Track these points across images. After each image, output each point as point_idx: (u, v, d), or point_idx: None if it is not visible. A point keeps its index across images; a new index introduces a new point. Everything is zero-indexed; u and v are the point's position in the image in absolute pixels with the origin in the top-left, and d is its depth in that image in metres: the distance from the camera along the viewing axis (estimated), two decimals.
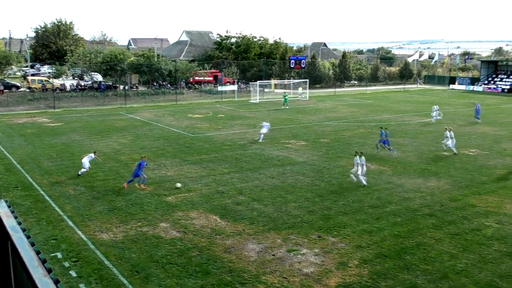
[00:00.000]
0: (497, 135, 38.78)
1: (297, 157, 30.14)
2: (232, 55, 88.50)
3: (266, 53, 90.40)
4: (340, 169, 27.15)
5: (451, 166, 28.07)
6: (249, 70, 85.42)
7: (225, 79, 78.01)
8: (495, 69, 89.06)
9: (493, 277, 14.65)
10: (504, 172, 26.84)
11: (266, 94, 70.15)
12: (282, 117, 48.41)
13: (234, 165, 27.95)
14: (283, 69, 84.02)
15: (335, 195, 22.34)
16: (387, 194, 22.59)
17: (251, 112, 52.35)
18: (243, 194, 22.49)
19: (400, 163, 28.70)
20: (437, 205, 21.16)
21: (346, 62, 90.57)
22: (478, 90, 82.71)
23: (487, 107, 58.46)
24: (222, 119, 46.84)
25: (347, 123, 44.48)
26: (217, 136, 37.40)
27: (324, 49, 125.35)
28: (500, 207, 20.89)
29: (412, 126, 42.92)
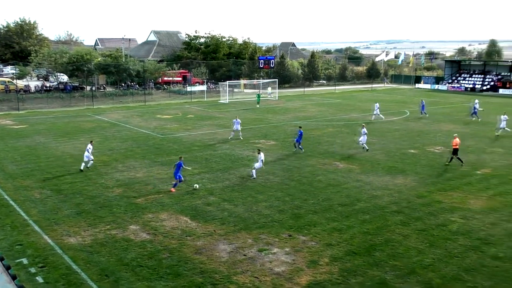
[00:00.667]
0: (461, 132, 39.79)
1: (266, 157, 30.20)
2: (201, 55, 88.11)
3: (235, 53, 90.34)
4: (310, 168, 27.37)
5: (418, 164, 28.65)
6: (218, 70, 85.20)
7: (194, 79, 77.61)
8: (458, 68, 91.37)
9: (458, 271, 15.03)
10: (468, 169, 27.57)
11: (235, 94, 70.10)
12: (251, 117, 48.46)
13: (204, 166, 27.83)
14: (252, 69, 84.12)
15: (305, 194, 22.51)
16: (356, 192, 22.90)
17: (220, 112, 52.22)
18: (213, 194, 22.41)
19: (368, 161, 29.13)
20: (404, 202, 21.58)
21: (314, 62, 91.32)
22: (443, 89, 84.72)
23: (451, 105, 59.97)
24: (191, 120, 46.57)
25: (316, 122, 44.88)
26: (186, 137, 37.17)
27: (293, 49, 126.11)
28: (464, 203, 21.46)
29: (379, 125, 43.62)
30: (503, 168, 27.86)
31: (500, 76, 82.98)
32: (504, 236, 17.79)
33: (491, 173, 26.62)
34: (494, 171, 27.16)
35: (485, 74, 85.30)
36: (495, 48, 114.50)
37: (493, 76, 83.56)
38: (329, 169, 27.32)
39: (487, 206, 21.10)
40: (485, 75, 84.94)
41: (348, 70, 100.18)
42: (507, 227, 18.64)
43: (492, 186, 24.10)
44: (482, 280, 14.45)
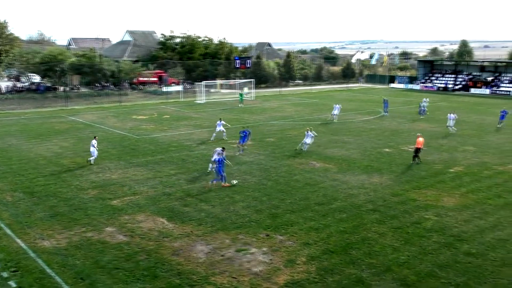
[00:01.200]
0: (434, 131, 40.51)
1: (243, 157, 30.22)
2: (177, 55, 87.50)
3: (211, 53, 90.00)
4: (287, 168, 27.48)
5: (393, 163, 29.04)
6: (194, 70, 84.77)
7: (170, 80, 77.07)
8: (431, 68, 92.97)
9: (432, 268, 15.29)
10: (441, 167, 28.07)
11: (212, 94, 69.92)
12: (228, 117, 48.37)
13: (180, 166, 27.68)
14: (229, 69, 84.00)
15: (282, 194, 22.58)
16: (333, 191, 23.09)
17: (197, 113, 52.00)
18: (190, 195, 22.31)
19: (345, 161, 29.40)
20: (380, 200, 21.84)
21: (290, 62, 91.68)
22: (416, 88, 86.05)
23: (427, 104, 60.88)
24: (167, 120, 46.26)
25: (293, 122, 45.08)
26: (162, 138, 36.90)
27: (269, 49, 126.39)
28: (438, 201, 21.84)
29: (355, 124, 44.07)
30: (475, 166, 28.45)
31: (471, 76, 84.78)
32: (476, 232, 18.17)
33: (463, 171, 27.16)
34: (466, 169, 27.71)
35: (456, 74, 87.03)
36: (466, 49, 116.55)
37: (465, 76, 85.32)
38: (306, 168, 27.47)
39: (460, 203, 21.52)
40: (457, 75, 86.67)
41: (324, 70, 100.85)
42: (479, 224, 19.04)
43: (465, 184, 24.59)
44: (455, 276, 14.73)
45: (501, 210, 20.69)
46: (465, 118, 48.47)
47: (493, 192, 23.20)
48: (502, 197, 22.53)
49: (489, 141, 36.33)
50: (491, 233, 18.02)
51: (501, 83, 79.31)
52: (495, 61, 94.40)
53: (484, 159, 30.13)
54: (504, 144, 35.07)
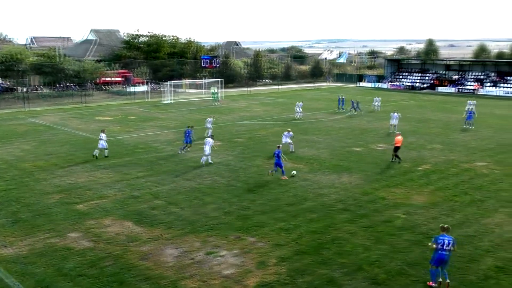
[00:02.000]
0: (402, 129, 41.30)
1: (213, 158, 30.15)
2: (143, 55, 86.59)
3: (178, 53, 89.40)
4: (256, 169, 27.54)
5: (362, 161, 29.48)
6: (160, 70, 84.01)
7: (136, 80, 76.19)
8: (398, 67, 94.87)
9: (403, 266, 15.61)
10: (410, 165, 28.67)
11: (179, 94, 69.42)
12: (196, 118, 48.14)
13: (148, 168, 27.40)
14: (196, 68, 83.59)
15: (252, 195, 22.63)
16: (303, 191, 23.27)
17: (164, 113, 51.55)
18: (159, 198, 22.11)
19: (315, 160, 29.67)
20: (350, 199, 22.15)
21: (258, 61, 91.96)
22: (384, 87, 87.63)
23: (393, 103, 62.06)
24: (133, 121, 45.70)
25: (262, 122, 45.22)
26: (129, 139, 36.44)
27: (237, 48, 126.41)
28: (407, 199, 22.31)
29: (324, 124, 44.54)
30: (442, 163, 29.18)
31: (437, 74, 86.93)
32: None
33: (431, 169, 27.81)
34: (433, 166, 28.39)
35: (423, 73, 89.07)
36: (432, 48, 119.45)
37: (431, 75, 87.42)
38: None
39: (429, 201, 22.04)
40: (423, 74, 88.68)
41: (292, 69, 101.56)
42: (447, 221, 19.53)
43: (433, 182, 25.19)
44: (425, 274, 15.07)
45: (467, 207, 21.29)
46: (431, 117, 49.65)
47: (459, 189, 23.86)
48: (468, 194, 23.18)
49: (455, 139, 37.32)
50: (459, 230, 18.52)
51: (466, 82, 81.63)
52: (460, 60, 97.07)
53: (451, 157, 30.93)
54: (469, 142, 36.09)
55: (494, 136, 38.37)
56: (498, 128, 42.66)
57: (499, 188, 24.11)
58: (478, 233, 18.32)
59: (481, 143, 35.69)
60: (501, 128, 42.72)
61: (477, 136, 38.33)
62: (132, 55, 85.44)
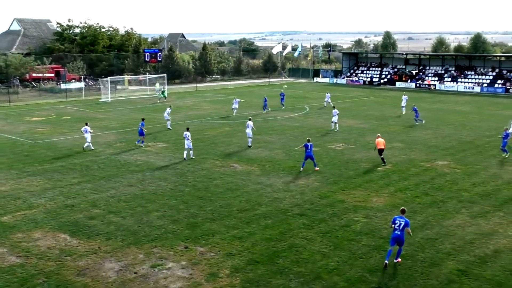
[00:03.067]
0: (361, 128, 42.25)
1: (157, 161, 29.80)
2: (77, 48, 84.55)
3: (117, 45, 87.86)
4: (206, 172, 27.43)
5: (319, 162, 29.88)
6: (97, 64, 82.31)
7: (70, 76, 74.29)
8: (356, 61, 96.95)
9: (363, 272, 15.93)
10: (369, 166, 29.33)
11: (119, 91, 68.27)
12: (138, 117, 47.47)
13: (84, 174, 26.78)
14: (138, 63, 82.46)
15: (201, 201, 22.52)
16: (257, 196, 23.36)
17: (102, 113, 50.53)
18: (97, 206, 21.64)
19: (268, 162, 29.84)
20: (307, 203, 22.41)
21: (206, 54, 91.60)
22: (341, 82, 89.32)
23: (351, 100, 63.39)
24: (68, 122, 44.58)
25: (211, 121, 45.09)
26: (62, 142, 35.50)
27: (183, 40, 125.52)
28: (367, 201, 22.80)
29: (278, 122, 44.89)
30: (403, 163, 30.01)
31: (396, 69, 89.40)
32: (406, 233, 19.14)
33: (391, 169, 28.55)
34: (394, 166, 29.16)
35: (382, 67, 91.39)
36: (390, 40, 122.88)
37: (390, 69, 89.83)
38: (226, 172, 27.59)
39: (389, 203, 22.60)
40: (382, 68, 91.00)
41: (243, 64, 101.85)
42: None
43: (393, 183, 25.87)
44: (386, 280, 15.45)
45: (429, 208, 21.99)
46: (391, 114, 51.01)
47: (420, 190, 24.61)
48: (429, 194, 23.95)
49: (416, 137, 38.47)
50: (420, 233, 19.09)
51: (425, 76, 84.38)
52: (419, 53, 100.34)
53: (412, 156, 31.87)
54: (430, 140, 37.30)
55: (454, 134, 39.84)
56: (458, 125, 44.32)
57: (460, 188, 25.04)
58: (440, 236, 18.93)
59: (442, 141, 36.97)
60: (461, 124, 44.40)
61: (437, 134, 39.67)
62: (65, 48, 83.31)
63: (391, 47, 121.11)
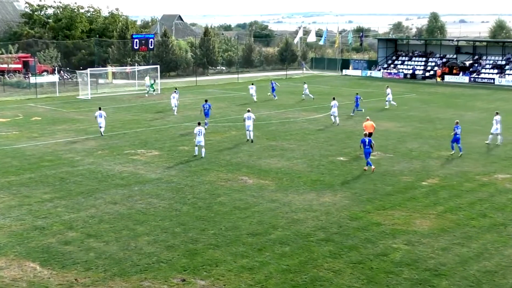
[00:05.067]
0: (401, 132, 42.06)
1: (148, 173, 29.88)
2: (50, 33, 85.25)
3: (98, 30, 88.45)
4: (208, 186, 27.44)
5: (349, 175, 29.79)
6: (75, 53, 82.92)
7: (41, 67, 74.91)
8: (394, 49, 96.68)
9: None
10: (412, 179, 29.17)
11: (101, 86, 68.62)
12: (125, 118, 47.72)
13: (58, 189, 26.92)
14: (124, 51, 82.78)
15: (202, 222, 22.51)
16: (271, 217, 23.30)
17: (80, 113, 50.84)
18: (73, 229, 21.73)
19: (285, 174, 29.79)
20: (334, 226, 22.31)
21: (209, 41, 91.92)
22: (377, 76, 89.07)
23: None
24: (38, 124, 44.88)
25: (215, 124, 45.15)
26: (31, 149, 35.75)
27: (179, 24, 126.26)
28: (408, 224, 22.65)
29: (298, 125, 44.84)
30: (453, 177, 29.82)
31: (445, 59, 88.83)
32: (458, 264, 18.99)
33: (439, 184, 28.37)
34: (442, 181, 28.98)
35: (427, 57, 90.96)
36: (437, 24, 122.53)
37: (437, 59, 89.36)
38: (234, 186, 27.57)
39: (436, 226, 22.43)
40: (427, 58, 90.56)
41: (254, 52, 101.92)
42: (461, 252, 19.93)
43: (441, 201, 25.70)
44: None
45: (486, 233, 21.79)
46: (439, 115, 50.76)
47: (476, 211, 24.41)
48: (487, 216, 23.75)
49: (470, 143, 38.07)
50: (476, 264, 18.91)
51: (482, 68, 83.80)
52: (473, 40, 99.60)
53: (465, 168, 31.66)
54: (488, 148, 36.98)
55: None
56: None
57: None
58: (501, 268, 18.74)
59: (503, 149, 36.67)
60: None
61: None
62: (35, 33, 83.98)
63: (439, 32, 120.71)
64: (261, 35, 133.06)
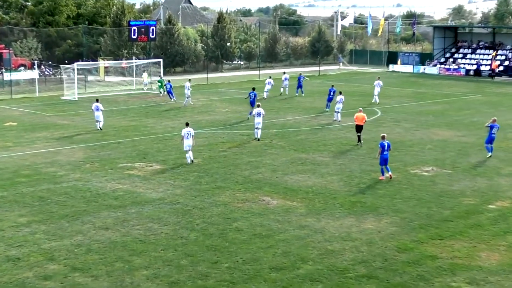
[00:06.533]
0: (463, 142, 41.68)
1: (147, 191, 29.90)
2: (28, 19, 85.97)
3: (88, 16, 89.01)
4: (222, 209, 27.38)
5: (397, 195, 29.56)
6: (59, 44, 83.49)
7: (17, 60, 75.57)
8: (455, 39, 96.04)
9: None
10: (476, 202, 28.86)
11: (90, 85, 68.99)
12: (120, 124, 47.88)
13: (37, 210, 27.02)
14: (119, 42, 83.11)
15: (214, 253, 22.45)
16: (300, 247, 23.18)
17: (65, 117, 51.09)
18: (55, 260, 21.78)
19: (318, 194, 29.65)
20: (378, 259, 22.13)
21: (224, 30, 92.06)
22: (432, 72, 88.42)
23: (446, 99, 62.77)
24: (13, 131, 45.19)
25: (230, 131, 45.12)
26: (4, 161, 36.01)
27: (188, 8, 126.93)
28: (472, 258, 22.38)
29: (333, 133, 44.66)
30: None
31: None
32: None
33: (511, 208, 28.04)
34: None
35: (495, 49, 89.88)
36: (507, 7, 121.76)
37: (508, 52, 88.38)
38: (254, 209, 27.50)
39: (507, 261, 22.14)
40: (496, 50, 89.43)
41: (279, 43, 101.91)
42: None
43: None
44: None
45: None
46: (510, 121, 50.26)
47: None
48: None
49: None
50: None
51: None
52: None
53: None
54: None
55: None
56: None
57: None
58: None
59: None
60: None
61: None
62: (10, 19, 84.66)
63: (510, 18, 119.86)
64: (288, 22, 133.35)
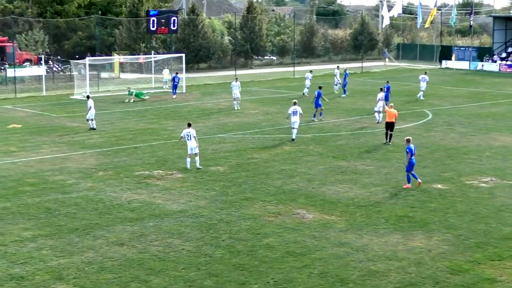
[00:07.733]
0: None
1: (167, 203, 30.01)
2: (35, 8, 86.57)
3: (101, 5, 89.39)
4: (251, 223, 27.42)
5: (450, 209, 29.43)
6: (68, 36, 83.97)
7: (22, 55, 76.14)
8: None
9: None
10: None
11: (104, 82, 69.32)
12: (136, 127, 48.13)
13: (44, 224, 27.23)
14: (136, 34, 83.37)
15: (242, 273, 22.50)
16: (339, 266, 23.17)
17: (74, 119, 51.42)
18: (63, 279, 21.95)
19: (360, 208, 29.59)
20: (428, 282, 22.07)
21: (254, 21, 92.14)
22: (491, 69, 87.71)
23: (507, 100, 62.24)
24: (17, 134, 45.58)
25: (261, 136, 45.13)
26: (7, 168, 36.34)
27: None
28: None
29: (377, 138, 44.49)
30: None
31: None
32: None
33: None
34: None
35: None
36: None
37: None
38: (287, 223, 27.52)
39: None
40: None
41: (317, 36, 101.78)
42: None
43: None
44: None
45: None
46: None
47: None
48: None
49: None
50: None
51: None
52: None
53: None
54: None
55: None
56: None
57: None
58: None
59: None
60: None
61: None
62: (14, 8, 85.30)
63: None
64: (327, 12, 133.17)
